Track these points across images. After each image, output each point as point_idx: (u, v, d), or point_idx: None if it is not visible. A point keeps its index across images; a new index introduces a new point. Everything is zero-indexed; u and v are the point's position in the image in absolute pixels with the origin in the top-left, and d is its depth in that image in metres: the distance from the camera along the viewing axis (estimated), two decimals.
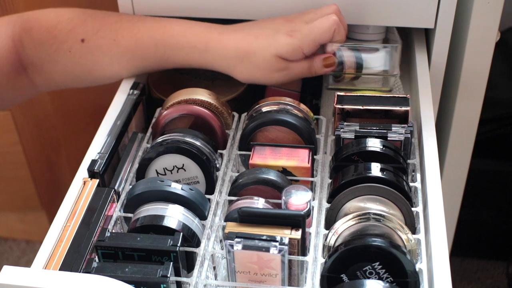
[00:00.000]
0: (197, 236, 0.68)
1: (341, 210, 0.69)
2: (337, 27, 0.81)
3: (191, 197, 0.70)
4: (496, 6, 0.89)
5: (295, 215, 0.64)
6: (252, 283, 0.64)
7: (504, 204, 1.50)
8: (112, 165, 0.78)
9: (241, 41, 0.82)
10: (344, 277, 0.62)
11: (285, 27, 0.82)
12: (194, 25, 0.84)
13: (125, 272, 0.61)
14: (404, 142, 0.75)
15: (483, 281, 1.59)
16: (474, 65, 0.95)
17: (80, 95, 1.30)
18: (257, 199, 0.70)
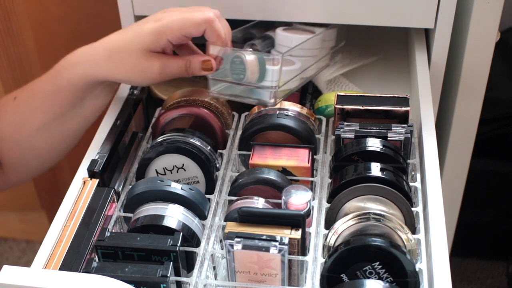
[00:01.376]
0: (197, 236, 0.68)
1: (341, 210, 0.69)
2: (209, 25, 0.76)
3: (191, 197, 0.70)
4: (496, 6, 0.89)
5: (295, 215, 0.64)
6: (252, 283, 0.64)
7: (504, 204, 1.50)
8: (112, 165, 0.78)
9: (108, 39, 0.79)
10: (344, 277, 0.62)
11: (156, 16, 0.78)
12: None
13: (125, 272, 0.61)
14: (404, 142, 0.75)
15: (483, 281, 1.59)
16: (474, 65, 0.95)
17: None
18: (257, 199, 0.70)
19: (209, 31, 0.76)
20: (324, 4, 0.89)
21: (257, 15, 0.91)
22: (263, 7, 0.90)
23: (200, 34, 0.77)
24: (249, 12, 0.91)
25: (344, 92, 0.79)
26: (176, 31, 0.75)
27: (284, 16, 0.91)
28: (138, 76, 0.78)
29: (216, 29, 0.76)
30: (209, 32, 0.77)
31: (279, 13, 0.91)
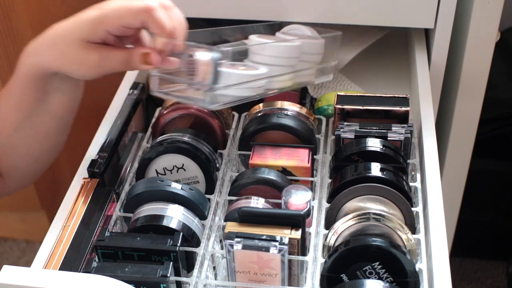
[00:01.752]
0: (197, 236, 0.68)
1: (341, 210, 0.69)
2: (148, 15, 0.69)
3: (191, 197, 0.70)
4: (496, 6, 0.89)
5: (295, 215, 0.64)
6: (252, 283, 0.64)
7: (504, 204, 1.50)
8: (112, 165, 0.78)
9: (53, 28, 0.74)
10: (344, 277, 0.62)
11: (99, 4, 0.72)
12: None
13: (125, 272, 0.61)
14: (404, 142, 0.75)
15: (483, 281, 1.59)
16: (474, 65, 0.95)
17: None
18: (257, 199, 0.70)
19: (149, 22, 0.69)
20: (323, 4, 0.89)
21: (254, 15, 0.91)
22: (261, 6, 0.90)
23: (139, 24, 0.70)
24: (245, 12, 0.91)
25: (344, 92, 0.79)
26: (113, 21, 0.70)
27: (283, 16, 0.91)
28: (77, 68, 0.73)
29: (157, 19, 0.69)
30: (149, 23, 0.69)
31: (277, 13, 0.91)
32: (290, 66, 0.82)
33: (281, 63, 0.81)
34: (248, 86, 0.77)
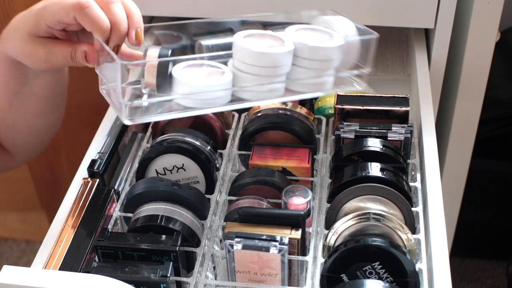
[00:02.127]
0: (197, 236, 0.68)
1: (341, 210, 0.69)
2: (78, 12, 0.65)
3: (191, 197, 0.70)
4: (496, 6, 0.89)
5: (295, 215, 0.64)
6: (252, 283, 0.64)
7: (504, 204, 1.50)
8: (112, 165, 0.78)
9: (13, 18, 0.73)
10: (344, 277, 0.62)
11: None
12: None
13: (125, 272, 0.61)
14: (404, 142, 0.75)
15: (483, 281, 1.59)
16: (474, 65, 0.95)
17: (80, 95, 1.30)
18: (257, 199, 0.70)
19: (79, 19, 0.66)
20: (323, 4, 0.89)
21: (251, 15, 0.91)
22: (259, 6, 0.90)
23: (73, 20, 0.67)
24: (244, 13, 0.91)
25: (344, 92, 0.79)
26: (49, 17, 0.68)
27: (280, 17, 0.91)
28: (27, 61, 0.72)
29: (88, 17, 0.65)
30: (80, 20, 0.66)
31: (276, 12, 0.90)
32: (268, 76, 0.68)
33: (252, 71, 0.68)
34: (197, 97, 0.67)
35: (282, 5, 0.90)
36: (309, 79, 0.70)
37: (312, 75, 0.70)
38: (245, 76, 0.67)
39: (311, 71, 0.70)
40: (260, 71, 0.67)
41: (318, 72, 0.70)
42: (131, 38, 0.67)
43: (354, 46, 0.72)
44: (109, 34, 0.66)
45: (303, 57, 0.69)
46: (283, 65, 0.68)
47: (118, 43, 0.67)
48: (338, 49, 0.70)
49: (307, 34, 0.72)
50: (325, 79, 0.71)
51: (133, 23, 0.67)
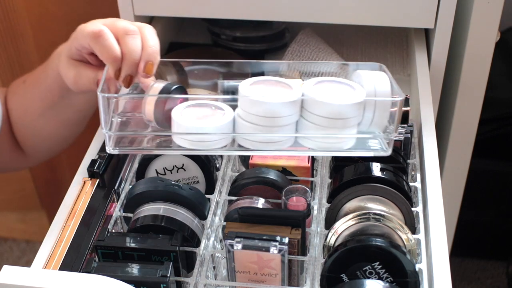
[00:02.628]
0: (197, 236, 0.68)
1: (341, 210, 0.69)
2: (92, 41, 0.68)
3: (191, 197, 0.70)
4: (496, 6, 0.89)
5: (295, 215, 0.64)
6: (252, 283, 0.64)
7: (504, 204, 1.50)
8: (112, 165, 0.78)
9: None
10: (344, 277, 0.62)
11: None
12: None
13: (125, 272, 0.61)
14: (404, 142, 0.75)
15: (483, 281, 1.59)
16: (474, 65, 0.95)
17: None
18: (257, 199, 0.70)
19: (93, 46, 0.69)
20: (323, 4, 0.89)
21: (252, 15, 0.91)
22: (259, 6, 0.90)
23: (90, 47, 0.70)
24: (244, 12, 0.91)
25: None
26: (76, 41, 0.71)
27: (281, 16, 0.91)
28: (66, 82, 0.75)
29: (99, 45, 0.68)
30: (93, 47, 0.69)
31: (276, 12, 0.90)
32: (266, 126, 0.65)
33: (249, 119, 0.65)
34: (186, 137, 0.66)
35: (282, 7, 0.89)
36: (318, 135, 0.65)
37: (321, 132, 0.65)
38: (243, 123, 0.65)
39: (319, 127, 0.64)
40: (256, 120, 0.64)
41: (328, 130, 0.64)
42: (140, 70, 0.68)
43: (381, 106, 0.64)
44: (120, 64, 0.67)
45: (311, 112, 0.64)
46: (282, 117, 0.64)
47: (129, 73, 0.68)
48: (352, 107, 0.63)
49: (327, 86, 0.66)
50: (337, 137, 0.66)
51: (145, 55, 0.68)
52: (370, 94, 0.64)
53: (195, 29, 1.12)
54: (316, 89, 0.66)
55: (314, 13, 0.90)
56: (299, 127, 0.66)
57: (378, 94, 0.64)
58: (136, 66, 0.68)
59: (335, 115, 0.63)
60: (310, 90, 0.65)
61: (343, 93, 0.66)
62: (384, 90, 0.65)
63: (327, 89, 0.66)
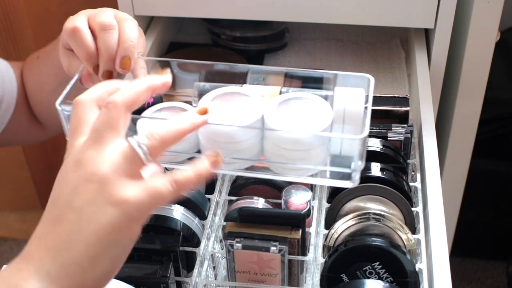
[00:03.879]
0: (197, 236, 0.68)
1: (341, 210, 0.69)
2: (69, 37, 0.67)
3: (191, 197, 0.70)
4: (496, 6, 0.89)
5: (295, 215, 0.64)
6: (252, 283, 0.64)
7: (504, 204, 1.50)
8: None
9: None
10: (344, 277, 0.62)
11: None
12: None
13: (125, 272, 0.61)
14: (404, 142, 0.75)
15: (483, 281, 1.59)
16: (474, 65, 0.95)
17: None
18: (257, 199, 0.70)
19: (69, 41, 0.68)
20: (323, 4, 0.89)
21: (252, 15, 0.91)
22: (259, 6, 0.90)
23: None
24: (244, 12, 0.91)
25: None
26: (62, 33, 0.70)
27: (281, 16, 0.91)
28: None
29: (73, 41, 0.66)
30: (69, 43, 0.68)
31: (276, 12, 0.90)
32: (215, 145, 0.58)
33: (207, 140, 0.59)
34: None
35: (282, 7, 0.89)
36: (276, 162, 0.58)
37: (282, 158, 0.57)
38: (202, 143, 0.60)
39: (279, 154, 0.57)
40: (212, 143, 0.58)
41: (288, 156, 0.57)
42: (116, 65, 0.66)
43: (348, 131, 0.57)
44: (96, 60, 0.66)
45: (269, 139, 0.57)
46: (238, 142, 0.57)
47: (107, 69, 0.67)
48: (311, 137, 0.56)
49: (292, 108, 0.59)
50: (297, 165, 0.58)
51: (120, 50, 0.66)
52: (338, 114, 0.58)
53: (195, 29, 1.12)
54: (278, 113, 0.58)
55: (314, 13, 0.90)
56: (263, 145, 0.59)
57: (347, 116, 0.58)
58: (113, 61, 0.66)
59: (292, 146, 0.56)
60: (271, 113, 0.57)
61: (309, 116, 0.58)
62: (355, 111, 0.58)
63: (290, 112, 0.58)
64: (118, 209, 0.48)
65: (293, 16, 0.91)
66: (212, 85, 0.64)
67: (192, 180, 0.51)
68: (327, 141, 0.57)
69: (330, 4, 0.89)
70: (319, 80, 0.64)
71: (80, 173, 0.50)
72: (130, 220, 0.48)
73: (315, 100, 0.59)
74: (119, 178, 0.49)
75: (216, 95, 0.61)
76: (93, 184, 0.49)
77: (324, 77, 0.64)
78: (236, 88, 0.62)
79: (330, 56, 1.03)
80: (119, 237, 0.48)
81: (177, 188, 0.50)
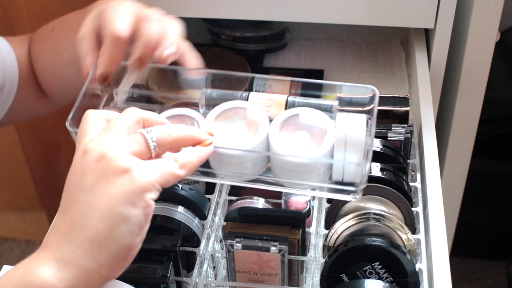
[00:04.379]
0: (197, 236, 0.68)
1: (341, 210, 0.69)
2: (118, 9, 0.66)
3: (191, 197, 0.70)
4: (496, 6, 0.89)
5: (295, 215, 0.64)
6: (252, 283, 0.64)
7: (504, 204, 1.50)
8: None
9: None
10: (344, 277, 0.62)
11: None
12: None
13: (125, 272, 0.61)
14: (404, 142, 0.75)
15: (483, 281, 1.59)
16: (474, 65, 0.95)
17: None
18: (257, 199, 0.70)
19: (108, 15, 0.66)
20: (323, 4, 0.89)
21: (252, 15, 0.91)
22: (258, 6, 0.90)
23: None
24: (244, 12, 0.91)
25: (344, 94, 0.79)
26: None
27: (281, 16, 0.91)
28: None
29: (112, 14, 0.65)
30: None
31: (275, 13, 0.90)
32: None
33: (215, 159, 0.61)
34: None
35: (282, 7, 0.89)
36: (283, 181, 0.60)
37: (284, 175, 0.59)
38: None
39: (285, 173, 0.59)
40: (219, 164, 0.60)
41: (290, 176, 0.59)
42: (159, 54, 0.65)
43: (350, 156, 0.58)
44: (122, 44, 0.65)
45: (275, 161, 0.59)
46: (244, 162, 0.59)
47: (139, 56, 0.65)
48: (315, 161, 0.57)
49: (294, 129, 0.60)
50: (300, 182, 0.59)
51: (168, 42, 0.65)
52: (340, 142, 0.58)
53: (195, 29, 1.12)
54: (282, 134, 0.59)
55: (314, 13, 0.90)
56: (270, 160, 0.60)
57: (349, 143, 0.59)
58: (150, 49, 0.64)
59: (295, 167, 0.58)
60: (274, 135, 0.59)
61: (311, 137, 0.59)
62: (357, 138, 0.59)
63: (294, 133, 0.60)
64: (126, 178, 0.49)
65: (293, 16, 0.91)
66: (219, 93, 0.65)
67: (193, 161, 0.55)
68: (330, 159, 0.58)
69: (330, 4, 0.89)
70: (324, 88, 0.66)
71: (87, 158, 0.51)
72: (140, 188, 0.50)
73: (318, 118, 0.60)
74: (126, 153, 0.51)
75: (219, 111, 0.62)
76: (101, 162, 0.50)
77: (330, 86, 0.66)
78: (240, 103, 0.62)
79: (330, 56, 1.03)
80: (132, 208, 0.49)
81: (182, 164, 0.53)
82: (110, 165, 0.50)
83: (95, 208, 0.49)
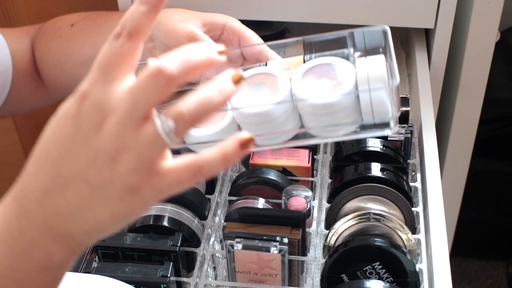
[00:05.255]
0: (197, 236, 0.68)
1: (341, 210, 0.69)
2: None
3: (191, 197, 0.70)
4: (496, 6, 0.89)
5: (295, 215, 0.64)
6: (252, 283, 0.64)
7: (504, 204, 1.50)
8: None
9: None
10: (344, 277, 0.62)
11: None
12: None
13: (125, 272, 0.61)
14: (404, 142, 0.75)
15: (483, 281, 1.59)
16: (474, 65, 0.95)
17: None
18: (257, 199, 0.70)
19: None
20: (323, 3, 0.89)
21: (252, 15, 0.91)
22: (258, 6, 0.90)
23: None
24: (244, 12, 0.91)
25: None
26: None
27: (281, 16, 0.91)
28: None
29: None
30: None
31: (275, 13, 0.90)
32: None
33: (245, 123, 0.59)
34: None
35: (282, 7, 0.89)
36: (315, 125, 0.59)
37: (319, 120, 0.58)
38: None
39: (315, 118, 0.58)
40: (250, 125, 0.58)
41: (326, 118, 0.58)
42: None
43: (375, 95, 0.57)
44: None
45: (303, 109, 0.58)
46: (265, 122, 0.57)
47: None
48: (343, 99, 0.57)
49: (316, 76, 0.60)
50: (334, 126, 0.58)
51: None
52: (363, 79, 0.58)
53: None
54: (305, 82, 0.59)
55: (314, 13, 0.90)
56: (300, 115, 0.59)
57: (371, 79, 0.58)
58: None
59: (327, 110, 0.57)
60: (298, 85, 0.59)
61: (335, 79, 0.59)
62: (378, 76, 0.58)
63: (316, 80, 0.59)
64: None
65: (293, 16, 0.91)
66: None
67: (218, 165, 0.43)
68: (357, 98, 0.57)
69: (330, 4, 0.89)
70: (338, 42, 0.64)
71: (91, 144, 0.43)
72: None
73: (338, 63, 0.60)
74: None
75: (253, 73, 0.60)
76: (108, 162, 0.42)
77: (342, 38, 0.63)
78: (260, 69, 0.61)
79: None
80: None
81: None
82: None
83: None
